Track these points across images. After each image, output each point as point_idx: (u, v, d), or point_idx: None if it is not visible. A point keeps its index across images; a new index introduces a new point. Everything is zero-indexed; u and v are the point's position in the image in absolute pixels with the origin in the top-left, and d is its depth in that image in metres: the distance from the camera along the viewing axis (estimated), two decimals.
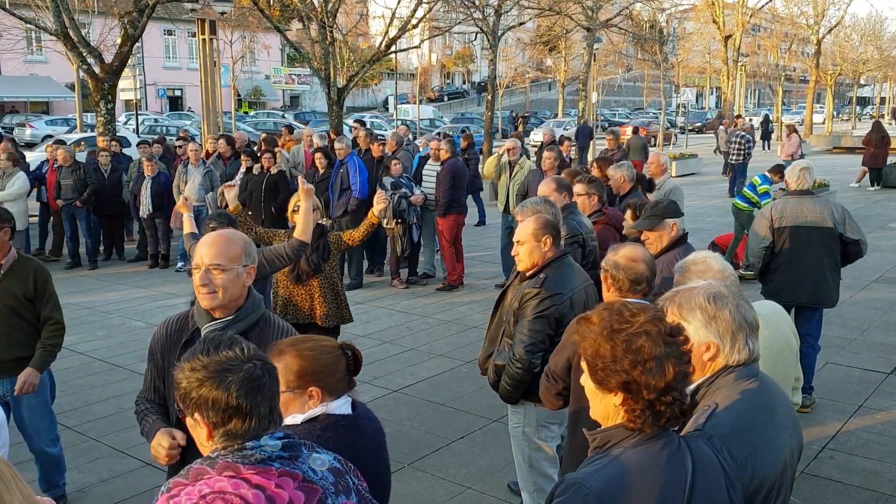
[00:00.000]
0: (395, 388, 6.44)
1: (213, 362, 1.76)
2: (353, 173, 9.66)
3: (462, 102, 61.87)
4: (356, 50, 27.91)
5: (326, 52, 18.38)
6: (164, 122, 34.43)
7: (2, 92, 39.12)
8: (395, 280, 9.89)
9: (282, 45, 48.46)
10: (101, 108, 14.49)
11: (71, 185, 10.63)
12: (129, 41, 14.51)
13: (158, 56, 44.93)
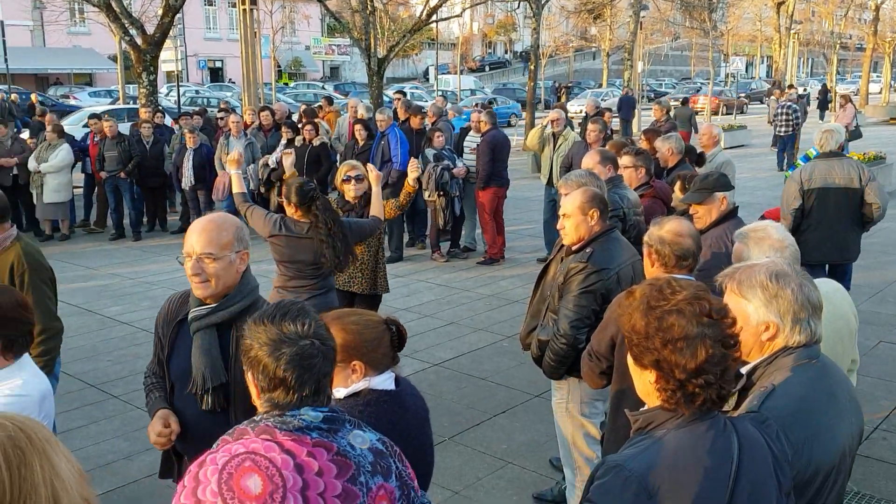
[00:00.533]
0: (436, 361, 6.42)
1: (273, 330, 1.79)
2: (394, 145, 9.59)
3: (504, 72, 61.22)
4: (397, 19, 27.71)
5: (367, 21, 18.25)
6: (204, 94, 34.67)
7: (46, 64, 39.81)
8: (436, 253, 9.84)
9: (322, 16, 48.35)
10: (144, 79, 14.61)
11: (115, 157, 10.75)
12: (171, 12, 14.56)
13: (199, 27, 45.20)
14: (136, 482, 4.52)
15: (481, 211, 9.65)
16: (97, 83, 41.40)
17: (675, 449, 1.71)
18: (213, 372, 2.68)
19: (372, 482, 1.78)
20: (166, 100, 25.18)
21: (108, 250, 10.43)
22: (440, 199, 9.36)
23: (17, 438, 1.25)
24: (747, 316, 2.18)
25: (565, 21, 52.07)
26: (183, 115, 12.23)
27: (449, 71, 50.84)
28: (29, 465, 1.24)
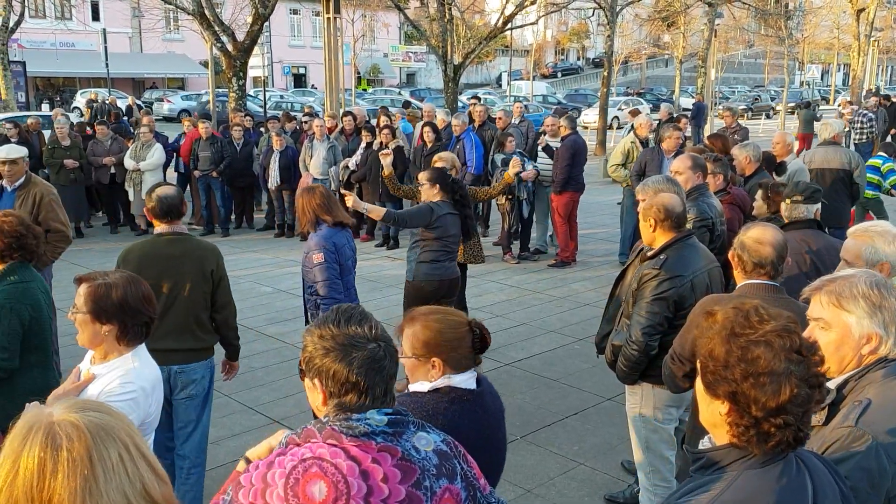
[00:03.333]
0: (508, 361, 6.55)
1: (341, 335, 1.80)
2: (468, 149, 9.78)
3: (576, 79, 60.80)
4: (472, 27, 27.95)
5: (444, 29, 18.55)
6: (288, 99, 35.70)
7: (143, 69, 41.78)
8: (507, 255, 9.98)
9: (400, 24, 49.06)
10: (233, 84, 15.23)
11: (208, 158, 11.27)
12: (260, 20, 15.13)
13: (285, 35, 46.48)
14: (222, 466, 4.72)
15: (554, 214, 9.73)
16: (189, 87, 43.12)
17: (751, 492, 1.58)
18: None
19: (437, 485, 1.79)
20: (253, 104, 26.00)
21: None
22: (507, 203, 9.49)
23: (60, 450, 1.24)
24: (849, 328, 2.11)
25: (639, 28, 51.39)
26: (270, 119, 12.71)
27: (522, 77, 50.84)
28: (59, 481, 1.22)
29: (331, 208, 4.65)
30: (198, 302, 4.01)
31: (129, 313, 2.69)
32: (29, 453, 1.22)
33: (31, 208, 5.77)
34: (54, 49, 37.74)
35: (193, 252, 4.02)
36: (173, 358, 3.90)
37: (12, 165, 5.94)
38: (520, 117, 12.37)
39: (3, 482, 1.20)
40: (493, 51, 52.41)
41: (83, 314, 2.68)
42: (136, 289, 2.74)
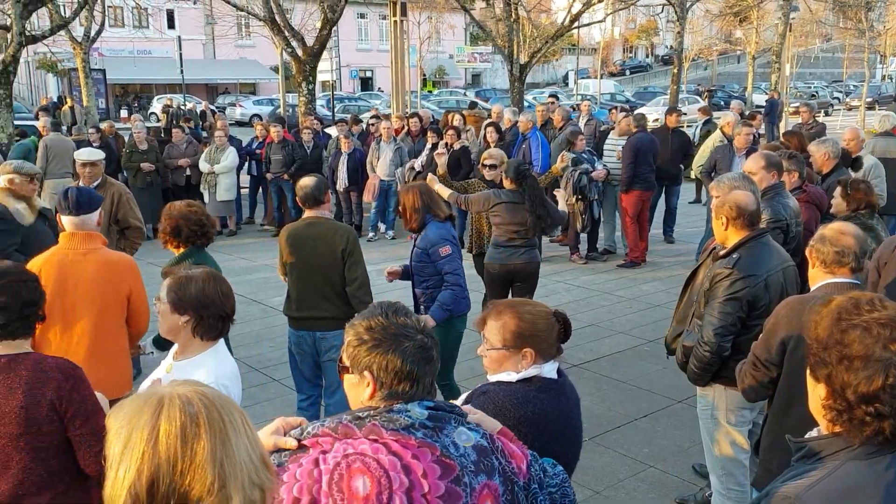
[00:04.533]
0: (576, 362, 6.49)
1: (391, 325, 1.83)
2: (535, 148, 9.74)
3: (645, 76, 59.86)
4: (539, 26, 27.79)
5: (510, 29, 18.51)
6: (355, 102, 36.20)
7: (216, 74, 43.04)
8: (575, 255, 9.89)
9: (466, 25, 49.17)
10: (303, 88, 15.54)
11: (280, 160, 11.53)
12: (329, 25, 15.39)
13: (352, 39, 47.20)
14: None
15: (623, 214, 9.61)
16: (260, 92, 44.21)
17: (853, 483, 1.56)
18: None
19: (475, 482, 1.79)
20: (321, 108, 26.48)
21: (271, 245, 11.20)
22: (578, 203, 9.40)
23: (199, 416, 1.31)
24: None
25: (709, 24, 50.19)
26: (339, 122, 12.92)
27: (589, 75, 50.31)
28: (201, 443, 1.28)
29: (438, 203, 4.98)
30: (332, 277, 4.55)
31: (206, 306, 2.77)
32: (168, 419, 1.29)
33: (110, 206, 6.07)
34: (132, 57, 39.23)
35: (326, 234, 4.56)
36: (315, 325, 4.57)
37: (92, 167, 6.26)
38: (588, 116, 12.26)
39: (144, 447, 1.27)
40: (559, 49, 51.95)
41: (164, 304, 2.79)
42: (215, 284, 2.83)
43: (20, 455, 2.50)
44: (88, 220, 3.94)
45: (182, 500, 1.27)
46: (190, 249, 4.15)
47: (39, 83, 44.08)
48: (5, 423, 2.49)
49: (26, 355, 2.61)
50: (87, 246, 3.88)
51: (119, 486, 1.27)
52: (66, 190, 4.03)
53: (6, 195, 5.28)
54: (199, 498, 1.27)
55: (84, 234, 3.91)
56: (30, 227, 5.30)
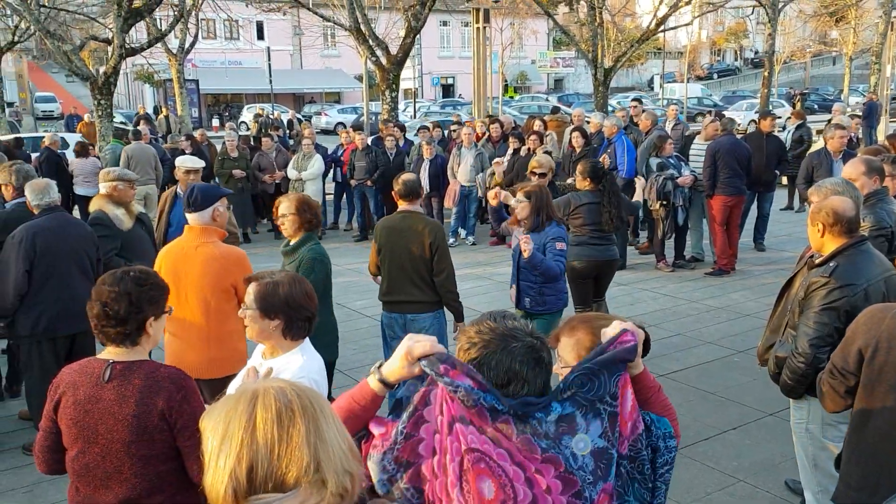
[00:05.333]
0: (662, 372, 6.34)
1: (500, 328, 1.86)
2: (620, 153, 9.59)
3: (733, 80, 58.17)
4: (623, 30, 27.40)
5: (595, 33, 18.30)
6: (436, 109, 36.49)
7: (303, 84, 44.23)
8: (661, 263, 9.67)
9: (549, 30, 48.95)
10: (387, 96, 15.77)
11: (364, 167, 11.72)
12: (412, 33, 15.59)
13: (434, 46, 47.68)
14: None
15: (711, 220, 9.34)
16: (345, 101, 45.14)
17: None
18: None
19: (594, 493, 1.81)
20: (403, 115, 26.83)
21: (354, 250, 11.40)
22: (661, 209, 9.19)
23: (293, 403, 1.37)
24: None
25: (803, 25, 48.32)
26: (421, 129, 13.05)
27: (675, 79, 49.24)
28: (297, 428, 1.33)
29: (552, 205, 5.45)
30: (419, 266, 5.00)
31: (294, 308, 2.86)
32: (264, 407, 1.35)
33: None
34: (223, 67, 40.70)
35: (417, 226, 5.01)
36: (405, 308, 5.06)
37: (194, 175, 6.50)
38: (674, 120, 12.00)
39: (242, 435, 1.32)
40: (644, 53, 51.11)
41: (253, 310, 2.87)
42: (299, 286, 2.92)
43: (132, 461, 2.56)
44: (203, 215, 4.21)
45: (279, 483, 1.31)
46: (308, 234, 4.59)
47: (137, 94, 46.24)
48: (118, 430, 2.55)
49: (141, 363, 2.65)
50: (201, 239, 4.18)
51: (220, 475, 1.32)
52: (189, 187, 4.36)
53: (106, 202, 5.54)
54: (296, 480, 1.31)
55: (200, 228, 4.21)
56: (128, 231, 5.55)
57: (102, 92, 14.47)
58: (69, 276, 4.84)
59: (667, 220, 9.21)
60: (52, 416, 2.63)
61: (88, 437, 2.56)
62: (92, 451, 2.56)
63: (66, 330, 4.80)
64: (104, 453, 2.56)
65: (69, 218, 5.23)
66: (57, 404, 2.61)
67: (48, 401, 2.65)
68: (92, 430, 2.55)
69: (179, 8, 18.33)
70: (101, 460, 2.56)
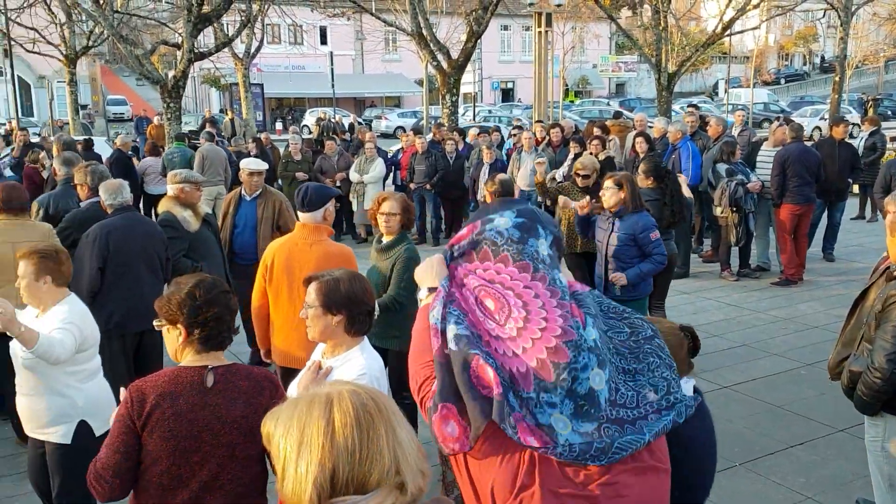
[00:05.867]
0: (725, 384, 6.19)
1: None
2: (685, 158, 9.40)
3: (801, 85, 56.56)
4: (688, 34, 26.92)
5: (659, 37, 18.02)
6: (496, 113, 36.46)
7: (364, 88, 44.76)
8: (725, 271, 9.44)
9: (611, 34, 48.45)
10: (447, 100, 15.82)
11: (423, 171, 11.78)
12: (474, 37, 15.61)
13: (494, 51, 47.69)
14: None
15: (779, 229, 9.08)
16: (404, 105, 45.52)
17: None
18: None
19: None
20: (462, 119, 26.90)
21: None
22: (733, 216, 8.96)
23: (369, 406, 1.37)
24: None
25: (876, 29, 46.68)
26: (481, 133, 13.06)
27: (741, 84, 48.15)
28: (377, 430, 1.34)
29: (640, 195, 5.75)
30: None
31: (355, 303, 2.91)
32: (341, 410, 1.36)
33: (272, 214, 6.40)
34: (287, 72, 41.48)
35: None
36: None
37: (258, 177, 6.60)
38: (741, 126, 11.73)
39: (322, 441, 1.33)
40: (708, 58, 50.13)
41: (315, 308, 2.91)
42: (359, 282, 2.98)
43: (233, 464, 2.54)
44: (316, 214, 4.42)
45: (361, 486, 1.31)
46: (403, 234, 4.80)
47: (203, 97, 47.47)
48: (224, 434, 2.52)
49: (237, 366, 2.66)
50: (314, 237, 4.40)
51: (302, 482, 1.32)
52: (302, 187, 4.51)
53: (174, 203, 5.67)
54: (378, 483, 1.32)
55: (312, 226, 4.42)
56: (196, 233, 5.67)
57: (172, 95, 14.89)
58: (139, 274, 4.97)
59: (739, 226, 8.98)
60: (137, 433, 2.47)
61: (190, 447, 2.49)
62: (192, 460, 2.50)
63: (135, 327, 4.92)
64: (204, 461, 2.51)
65: (141, 218, 5.38)
66: (147, 419, 2.46)
67: (127, 417, 2.47)
68: (195, 439, 2.49)
69: (246, 13, 18.74)
70: (199, 469, 2.50)
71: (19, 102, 27.99)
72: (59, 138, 10.59)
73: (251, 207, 6.52)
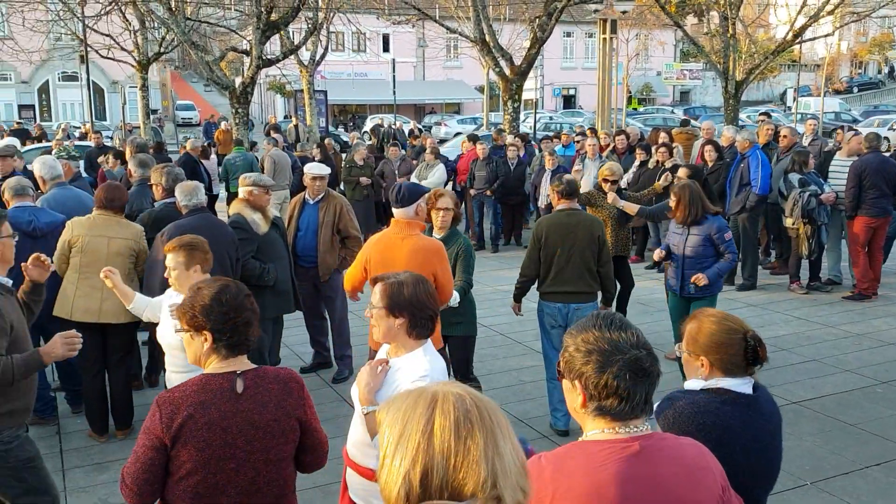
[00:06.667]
0: (795, 399, 6.00)
1: (603, 339, 1.83)
2: (754, 168, 9.17)
3: (876, 94, 54.64)
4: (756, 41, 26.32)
5: (727, 44, 17.66)
6: (557, 120, 36.24)
7: (425, 95, 45.08)
8: (795, 284, 9.17)
9: (676, 41, 47.71)
10: (508, 106, 15.79)
11: (483, 177, 11.78)
12: (537, 44, 15.55)
13: (557, 57, 47.43)
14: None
15: (852, 242, 8.78)
16: (464, 111, 45.62)
17: None
18: None
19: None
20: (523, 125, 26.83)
21: None
22: (806, 228, 8.69)
23: (471, 413, 1.33)
24: None
25: None
26: (543, 139, 13.00)
27: (811, 93, 46.82)
28: (475, 439, 1.30)
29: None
30: (587, 258, 5.46)
31: (418, 307, 2.91)
32: (443, 413, 1.33)
33: (333, 217, 6.48)
34: (350, 79, 42.00)
35: (584, 222, 5.54)
36: (571, 298, 5.47)
37: (321, 181, 6.69)
38: (812, 135, 11.40)
39: (419, 439, 1.31)
40: (777, 66, 48.89)
41: (379, 309, 2.93)
42: (423, 286, 2.98)
43: (267, 468, 2.55)
44: (409, 210, 4.63)
45: (455, 493, 1.29)
46: (455, 228, 5.17)
47: (269, 103, 48.44)
48: (258, 438, 2.52)
49: (263, 369, 2.63)
50: (407, 231, 4.61)
51: (395, 475, 1.31)
52: (396, 185, 4.71)
53: (244, 206, 5.79)
54: (473, 493, 1.29)
55: (405, 221, 4.63)
56: (264, 235, 5.78)
57: (240, 101, 15.25)
58: (211, 274, 5.08)
59: (811, 238, 8.70)
60: (166, 447, 2.45)
61: (225, 454, 2.47)
62: (227, 468, 2.48)
63: None
64: (239, 467, 2.50)
65: (214, 219, 5.51)
66: (179, 431, 2.43)
67: (155, 431, 2.45)
68: (230, 446, 2.48)
69: (313, 21, 19.07)
70: (235, 475, 2.49)
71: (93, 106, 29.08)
72: (132, 141, 10.92)
73: (314, 211, 6.61)
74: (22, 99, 42.91)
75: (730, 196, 9.28)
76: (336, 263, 6.52)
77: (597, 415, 1.83)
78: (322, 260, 6.45)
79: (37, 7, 24.11)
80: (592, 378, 1.80)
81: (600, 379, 1.79)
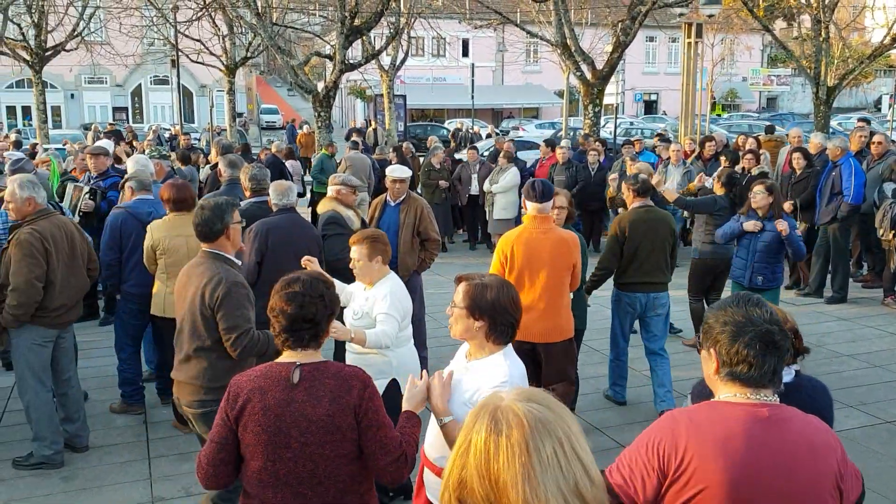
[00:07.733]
0: (889, 419, 5.72)
1: (740, 313, 2.04)
2: (846, 176, 8.79)
3: None
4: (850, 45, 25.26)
5: (819, 49, 17.01)
6: (638, 126, 35.63)
7: (503, 100, 45.00)
8: (889, 298, 8.74)
9: (763, 46, 46.27)
10: (589, 111, 15.60)
11: (563, 181, 11.65)
12: (620, 48, 15.32)
13: (639, 62, 46.66)
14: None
15: None
16: (542, 116, 45.33)
17: None
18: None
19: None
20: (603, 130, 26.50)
21: None
22: (895, 240, 8.28)
23: (511, 434, 1.31)
24: None
25: None
26: (625, 144, 12.81)
27: None
28: (509, 461, 1.29)
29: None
30: (663, 251, 5.91)
31: (499, 312, 2.86)
32: (478, 433, 1.33)
33: (413, 220, 6.54)
34: (429, 84, 42.32)
35: (664, 218, 5.96)
36: (651, 288, 5.89)
37: (402, 184, 6.76)
38: None
39: (458, 451, 1.33)
40: (872, 71, 46.81)
41: (460, 308, 2.91)
42: (507, 291, 2.92)
43: (326, 463, 2.55)
44: (546, 206, 4.87)
45: None
46: (568, 227, 5.37)
47: (349, 108, 49.30)
48: (312, 432, 2.53)
49: (326, 364, 2.65)
50: (544, 226, 4.87)
51: (446, 479, 1.34)
52: (533, 182, 4.92)
53: (336, 203, 5.94)
54: None
55: (542, 216, 4.88)
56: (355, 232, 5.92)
57: (323, 105, 15.56)
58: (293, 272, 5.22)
59: None
60: (232, 426, 2.56)
61: (280, 442, 2.52)
62: (285, 456, 2.53)
63: None
64: (297, 458, 2.53)
65: (300, 219, 5.63)
66: (240, 412, 2.54)
67: (224, 410, 2.58)
68: (285, 435, 2.52)
69: (395, 25, 19.30)
70: (294, 465, 2.53)
71: (182, 109, 30.19)
72: (219, 142, 11.29)
73: (394, 213, 6.69)
74: (116, 101, 44.97)
75: (819, 205, 8.93)
76: (415, 265, 6.57)
77: (728, 380, 2.03)
78: (402, 261, 6.50)
79: (132, 13, 25.22)
80: (726, 345, 2.01)
81: (732, 347, 2.00)
